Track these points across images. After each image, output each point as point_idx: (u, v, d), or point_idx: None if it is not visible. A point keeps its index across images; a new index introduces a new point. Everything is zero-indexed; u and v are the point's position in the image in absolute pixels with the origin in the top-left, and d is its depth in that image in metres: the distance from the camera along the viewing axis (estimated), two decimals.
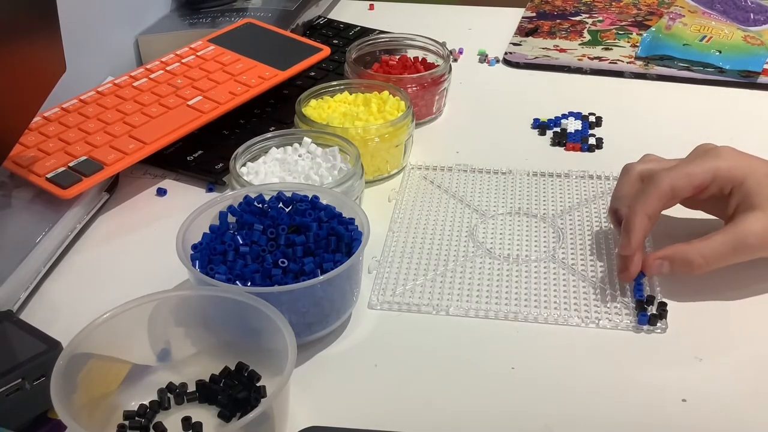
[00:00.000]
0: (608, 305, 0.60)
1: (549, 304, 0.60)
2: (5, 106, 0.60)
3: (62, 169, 0.68)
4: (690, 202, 0.64)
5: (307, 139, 0.71)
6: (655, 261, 0.59)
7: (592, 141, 0.80)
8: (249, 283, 0.56)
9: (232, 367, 0.53)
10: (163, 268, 0.61)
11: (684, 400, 0.52)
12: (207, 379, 0.53)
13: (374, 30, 1.01)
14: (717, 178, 0.60)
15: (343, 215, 0.60)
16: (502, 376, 0.55)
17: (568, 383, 0.54)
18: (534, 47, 0.98)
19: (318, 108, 0.77)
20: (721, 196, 0.61)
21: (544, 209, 0.70)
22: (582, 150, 0.79)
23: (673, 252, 0.59)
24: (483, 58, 0.98)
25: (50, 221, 0.65)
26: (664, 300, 0.59)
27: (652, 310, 0.59)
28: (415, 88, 0.82)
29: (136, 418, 0.51)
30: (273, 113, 0.84)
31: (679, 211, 0.65)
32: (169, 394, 0.52)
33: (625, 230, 0.60)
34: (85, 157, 0.69)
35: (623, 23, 1.04)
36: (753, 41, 0.95)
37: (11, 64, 0.60)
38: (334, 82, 0.80)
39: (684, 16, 1.01)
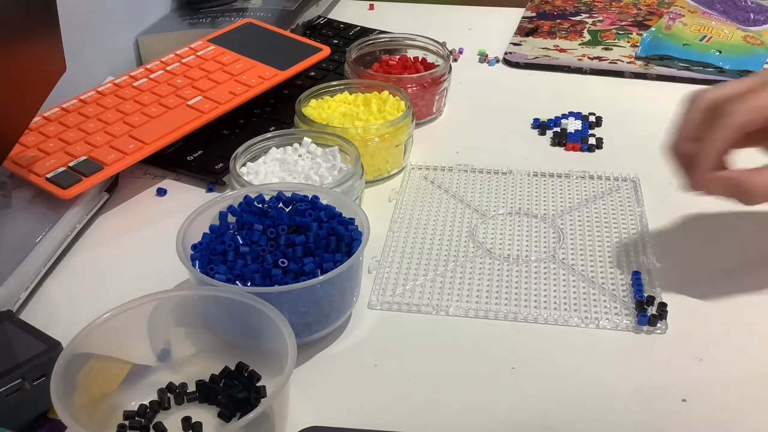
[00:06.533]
0: (608, 305, 0.60)
1: (549, 304, 0.60)
2: (5, 106, 0.60)
3: (62, 169, 0.68)
4: (746, 139, 0.57)
5: (307, 139, 0.71)
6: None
7: (592, 141, 0.80)
8: (249, 283, 0.56)
9: (232, 367, 0.53)
10: (163, 268, 0.61)
11: (684, 400, 0.52)
12: (207, 379, 0.53)
13: (374, 30, 1.01)
14: None
15: (343, 215, 0.59)
16: (502, 376, 0.55)
17: (568, 383, 0.54)
18: (534, 47, 0.98)
19: (318, 108, 0.77)
20: None
21: (545, 209, 0.70)
22: (582, 150, 0.79)
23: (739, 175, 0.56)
24: (483, 58, 0.98)
25: (50, 221, 0.65)
26: (664, 300, 0.59)
27: (652, 310, 0.59)
28: (415, 88, 0.82)
29: (136, 418, 0.51)
30: (273, 113, 0.84)
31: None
32: (169, 394, 0.52)
33: (694, 167, 0.57)
34: (85, 157, 0.69)
35: (623, 23, 1.03)
36: (753, 41, 0.95)
37: (11, 64, 0.60)
38: (334, 82, 0.80)
39: (684, 16, 1.01)
